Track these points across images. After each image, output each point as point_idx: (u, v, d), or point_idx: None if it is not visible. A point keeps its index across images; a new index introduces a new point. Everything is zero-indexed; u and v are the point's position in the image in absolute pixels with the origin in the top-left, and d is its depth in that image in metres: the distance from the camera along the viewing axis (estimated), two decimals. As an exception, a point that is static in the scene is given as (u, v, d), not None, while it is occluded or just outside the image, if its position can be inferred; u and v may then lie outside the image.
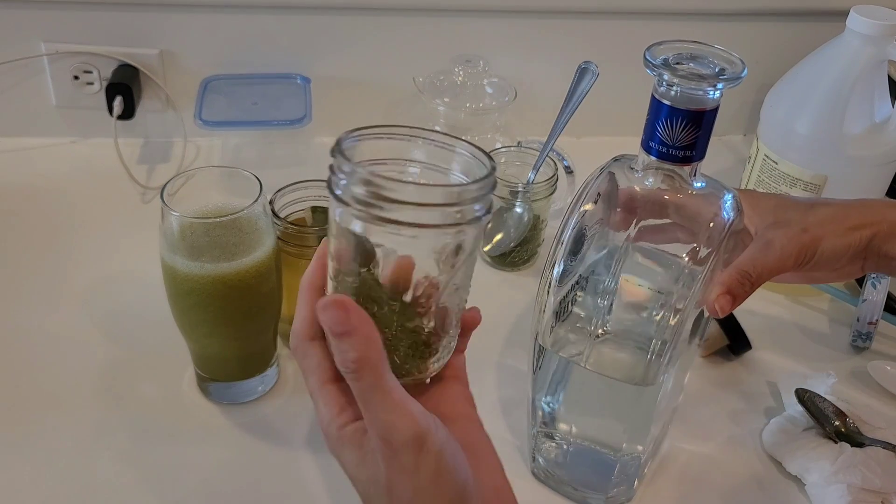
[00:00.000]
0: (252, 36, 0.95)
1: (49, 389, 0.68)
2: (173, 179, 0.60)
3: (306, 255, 0.67)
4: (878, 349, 0.78)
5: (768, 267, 0.54)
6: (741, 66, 0.49)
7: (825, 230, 0.55)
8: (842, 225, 0.55)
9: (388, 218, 0.40)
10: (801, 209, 0.56)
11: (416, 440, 0.41)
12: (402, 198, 0.40)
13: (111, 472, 0.61)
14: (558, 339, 0.57)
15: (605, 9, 0.98)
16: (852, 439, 0.65)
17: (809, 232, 0.54)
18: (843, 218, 0.55)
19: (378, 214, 0.40)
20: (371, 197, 0.40)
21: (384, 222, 0.40)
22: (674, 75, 0.48)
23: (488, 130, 0.92)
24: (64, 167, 0.94)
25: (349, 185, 0.41)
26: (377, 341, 0.41)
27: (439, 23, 0.96)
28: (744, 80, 0.49)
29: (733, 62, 0.50)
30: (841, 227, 0.55)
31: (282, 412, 0.67)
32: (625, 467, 0.60)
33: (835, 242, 0.55)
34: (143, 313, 0.73)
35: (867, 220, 0.55)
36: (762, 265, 0.54)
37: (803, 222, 0.55)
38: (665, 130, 0.50)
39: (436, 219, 0.41)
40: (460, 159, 0.46)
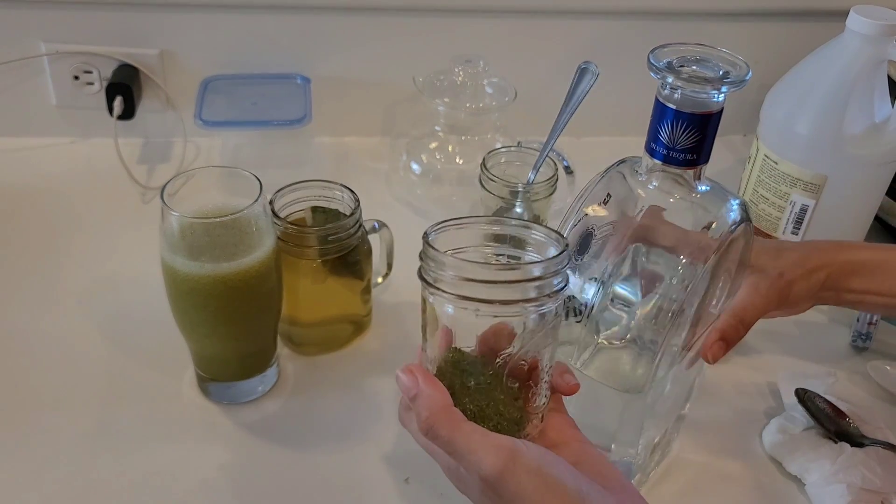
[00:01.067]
0: (252, 36, 0.95)
1: (49, 389, 0.68)
2: (173, 179, 0.60)
3: (306, 255, 0.67)
4: (878, 349, 0.78)
5: (757, 309, 0.61)
6: (746, 68, 0.49)
7: (794, 274, 0.63)
8: (804, 268, 0.63)
9: (475, 298, 0.45)
10: (770, 254, 0.64)
11: (506, 465, 0.43)
12: (486, 278, 0.45)
13: (111, 472, 0.61)
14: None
15: (605, 9, 0.98)
16: (852, 439, 0.65)
17: (784, 276, 0.62)
18: (804, 261, 0.63)
19: (465, 295, 0.45)
20: (458, 279, 0.45)
21: (470, 301, 0.45)
22: (678, 78, 0.48)
23: (488, 130, 0.92)
24: (64, 167, 0.94)
25: (437, 271, 0.46)
26: (443, 397, 0.46)
27: (439, 23, 0.97)
28: (748, 82, 0.48)
29: (737, 65, 0.49)
30: (804, 269, 0.63)
31: (282, 412, 0.67)
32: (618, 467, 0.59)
33: (802, 285, 0.63)
34: (143, 313, 0.73)
35: (822, 263, 0.64)
36: (752, 308, 0.61)
37: (777, 267, 0.63)
38: (669, 134, 0.50)
39: (515, 294, 0.45)
40: (535, 240, 0.50)
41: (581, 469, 0.46)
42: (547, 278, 0.46)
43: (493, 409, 0.48)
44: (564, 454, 0.47)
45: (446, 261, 0.45)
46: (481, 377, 0.48)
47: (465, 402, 0.48)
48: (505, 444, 0.44)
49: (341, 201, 0.70)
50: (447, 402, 0.46)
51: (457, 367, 0.48)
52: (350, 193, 0.69)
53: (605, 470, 0.47)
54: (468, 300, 0.45)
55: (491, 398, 0.48)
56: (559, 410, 0.52)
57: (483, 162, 0.81)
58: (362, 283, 0.72)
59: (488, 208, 0.81)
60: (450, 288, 0.45)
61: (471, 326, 0.48)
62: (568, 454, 0.48)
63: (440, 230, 0.49)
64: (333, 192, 0.70)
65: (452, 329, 0.49)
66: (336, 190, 0.69)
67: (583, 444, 0.50)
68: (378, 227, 0.74)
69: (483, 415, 0.48)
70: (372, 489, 0.62)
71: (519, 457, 0.43)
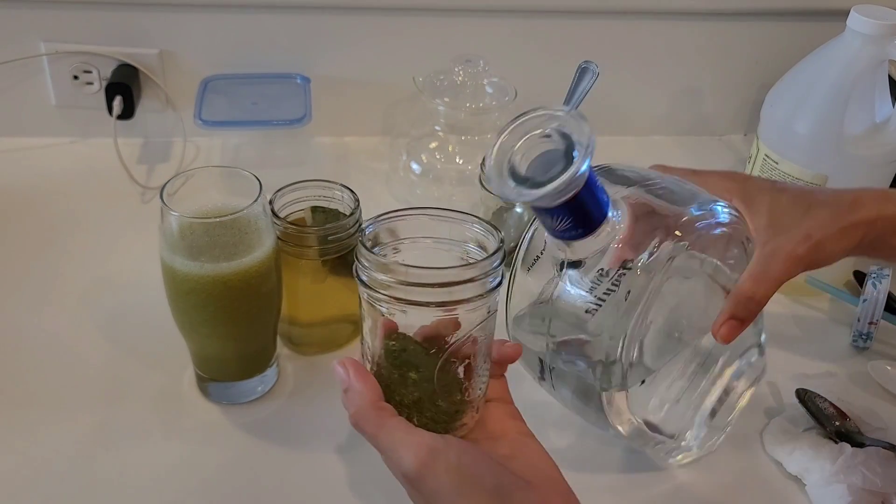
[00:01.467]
0: (252, 36, 0.95)
1: (49, 389, 0.67)
2: (173, 179, 0.60)
3: (306, 255, 0.67)
4: (878, 349, 0.78)
5: (775, 278, 0.54)
6: (587, 133, 0.44)
7: (825, 233, 0.54)
8: (838, 226, 0.55)
9: (410, 300, 0.46)
10: (799, 211, 0.56)
11: (424, 463, 0.44)
12: (419, 280, 0.45)
13: (111, 472, 0.61)
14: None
15: (605, 9, 0.98)
16: (852, 439, 0.65)
17: (812, 238, 0.54)
18: (838, 218, 0.55)
19: (401, 297, 0.46)
20: (393, 282, 0.45)
21: (407, 304, 0.46)
22: (513, 192, 0.45)
23: (488, 130, 0.92)
24: (64, 167, 0.94)
25: (372, 272, 0.46)
26: (371, 392, 0.47)
27: (439, 23, 0.96)
28: (587, 161, 0.43)
29: (582, 130, 0.44)
30: (838, 228, 0.55)
31: (281, 412, 0.67)
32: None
33: (833, 246, 0.55)
34: (142, 313, 0.73)
35: (860, 219, 0.56)
36: (767, 281, 0.54)
37: (805, 227, 0.55)
38: (545, 222, 0.48)
39: (451, 296, 0.46)
40: (471, 233, 0.50)
41: (514, 462, 0.47)
42: (481, 279, 0.46)
43: (430, 401, 0.48)
44: (500, 447, 0.48)
45: (378, 263, 0.46)
46: (420, 369, 0.48)
47: (403, 392, 0.48)
48: (425, 442, 0.44)
49: (341, 201, 0.70)
50: (374, 398, 0.47)
51: (396, 358, 0.48)
52: (350, 193, 0.69)
53: (539, 464, 0.48)
54: (402, 301, 0.46)
55: (427, 390, 0.48)
56: (505, 401, 0.53)
57: (483, 162, 0.81)
58: (362, 283, 0.72)
59: (488, 208, 0.81)
60: (382, 289, 0.46)
61: (408, 326, 0.49)
62: (504, 447, 0.49)
63: (379, 223, 0.49)
64: (333, 192, 0.70)
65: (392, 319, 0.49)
66: (336, 190, 0.69)
67: (522, 437, 0.50)
68: (378, 227, 0.74)
69: (419, 406, 0.48)
70: (372, 489, 0.62)
71: (438, 455, 0.44)
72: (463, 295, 0.46)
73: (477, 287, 0.46)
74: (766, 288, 0.53)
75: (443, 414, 0.49)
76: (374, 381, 0.48)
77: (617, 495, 0.63)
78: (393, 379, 0.49)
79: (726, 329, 0.53)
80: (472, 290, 0.46)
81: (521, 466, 0.47)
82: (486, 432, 0.51)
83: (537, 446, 0.50)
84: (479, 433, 0.51)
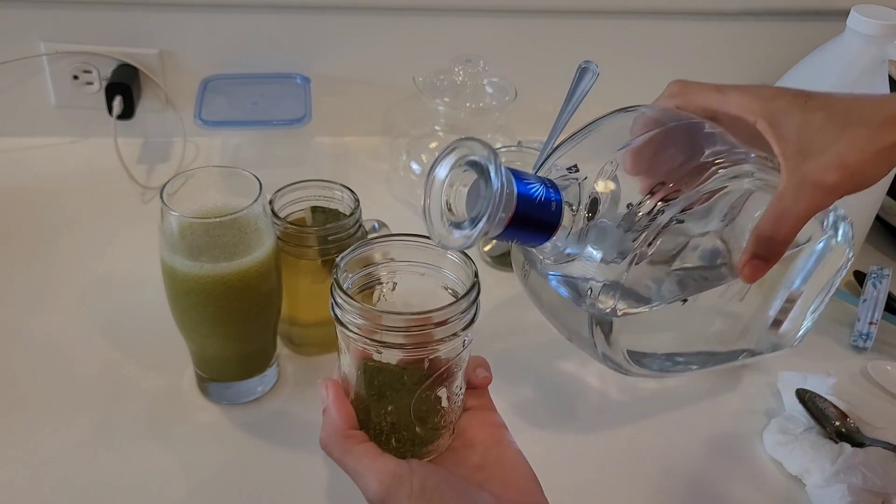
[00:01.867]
0: (252, 36, 0.95)
1: (49, 390, 0.67)
2: (173, 179, 0.60)
3: (306, 255, 0.67)
4: (878, 349, 0.78)
5: (800, 214, 0.47)
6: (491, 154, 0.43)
7: (860, 157, 0.46)
8: (874, 147, 0.46)
9: (384, 342, 0.46)
10: (833, 132, 0.47)
11: (388, 491, 0.45)
12: (390, 324, 0.45)
13: (111, 472, 0.61)
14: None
15: (605, 9, 0.98)
16: (853, 439, 0.65)
17: (846, 165, 0.46)
18: (876, 138, 0.46)
19: (375, 339, 0.46)
20: (367, 325, 0.46)
21: (380, 345, 0.46)
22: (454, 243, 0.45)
23: (488, 130, 0.92)
24: (63, 167, 0.94)
25: (346, 314, 0.46)
26: (343, 420, 0.48)
27: (439, 23, 0.96)
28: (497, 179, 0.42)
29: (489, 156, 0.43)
30: (874, 149, 0.46)
31: (281, 412, 0.67)
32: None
33: (870, 171, 0.47)
34: (142, 313, 0.73)
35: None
36: (792, 215, 0.47)
37: (837, 151, 0.46)
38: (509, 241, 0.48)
39: (423, 339, 0.46)
40: (447, 261, 0.50)
41: (485, 472, 0.48)
42: (454, 320, 0.46)
43: (405, 427, 0.49)
44: (473, 455, 0.50)
45: (353, 307, 0.46)
46: (395, 395, 0.49)
47: (380, 415, 0.49)
48: (389, 469, 0.46)
49: (341, 201, 0.70)
50: (344, 426, 0.49)
51: (371, 385, 0.49)
52: (350, 193, 0.69)
53: (511, 475, 0.48)
54: (375, 342, 0.46)
55: (404, 416, 0.49)
56: (486, 408, 0.53)
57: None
58: (362, 283, 0.72)
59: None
60: (356, 329, 0.46)
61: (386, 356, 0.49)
62: (476, 456, 0.50)
63: (351, 254, 0.49)
64: (333, 192, 0.70)
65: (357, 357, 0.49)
66: (336, 190, 0.69)
67: (499, 446, 0.50)
68: (378, 227, 0.74)
69: (393, 430, 0.49)
70: (372, 489, 0.62)
71: (402, 481, 0.45)
72: (437, 335, 0.46)
73: (452, 326, 0.46)
74: (789, 227, 0.47)
75: (417, 438, 0.50)
76: (348, 407, 0.49)
77: (616, 491, 0.63)
78: (369, 403, 0.49)
79: (749, 269, 0.48)
80: (446, 331, 0.46)
81: (493, 477, 0.48)
82: (462, 440, 0.51)
83: (513, 455, 0.50)
84: (457, 441, 0.52)
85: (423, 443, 0.50)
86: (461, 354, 0.49)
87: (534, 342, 0.76)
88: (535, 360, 0.74)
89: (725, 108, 0.50)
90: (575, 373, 0.74)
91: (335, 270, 0.47)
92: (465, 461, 0.50)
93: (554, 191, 0.47)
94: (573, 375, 0.73)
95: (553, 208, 0.46)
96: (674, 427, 0.69)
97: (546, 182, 0.47)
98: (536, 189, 0.46)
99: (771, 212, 0.48)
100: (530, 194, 0.45)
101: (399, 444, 0.50)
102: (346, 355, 0.49)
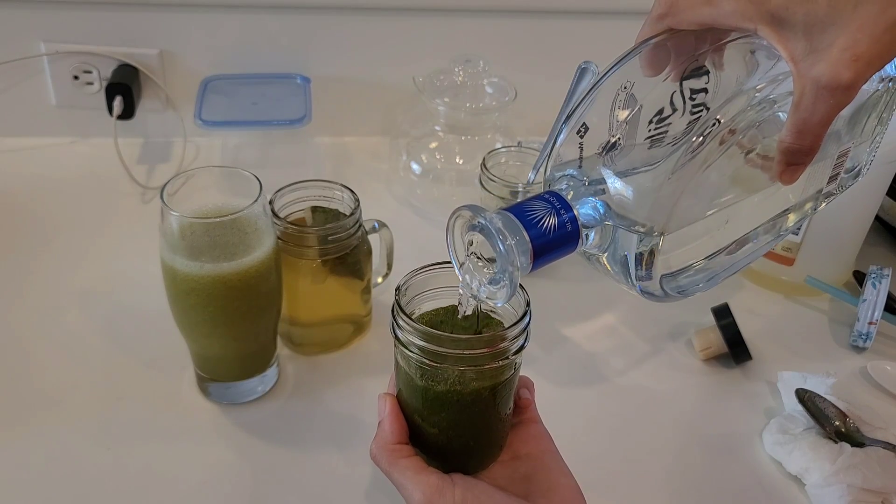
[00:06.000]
0: (252, 36, 0.95)
1: (49, 389, 0.68)
2: (173, 179, 0.60)
3: (306, 255, 0.67)
4: (878, 349, 0.78)
5: (821, 121, 0.44)
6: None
7: (876, 41, 0.42)
8: (889, 20, 0.42)
9: (440, 364, 0.48)
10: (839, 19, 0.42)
11: (429, 501, 0.47)
12: (448, 350, 0.47)
13: (111, 472, 0.61)
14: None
15: (605, 9, 0.98)
16: (852, 439, 0.65)
17: (860, 56, 0.42)
18: (888, 13, 0.41)
19: (432, 362, 0.48)
20: (425, 344, 0.47)
21: (439, 363, 0.48)
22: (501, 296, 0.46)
23: (488, 130, 0.92)
24: (64, 167, 0.94)
25: (408, 335, 0.48)
26: (394, 435, 0.50)
27: (439, 23, 0.96)
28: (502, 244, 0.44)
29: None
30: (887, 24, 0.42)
31: (281, 412, 0.67)
32: None
33: (891, 51, 0.43)
34: (143, 313, 0.73)
35: None
36: (814, 123, 0.44)
37: (847, 40, 0.42)
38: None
39: (479, 362, 0.47)
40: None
41: (530, 484, 0.50)
42: (507, 344, 0.48)
43: (454, 441, 0.51)
44: (521, 467, 0.52)
45: (414, 328, 0.47)
46: (445, 413, 0.50)
47: (430, 429, 0.51)
48: (432, 482, 0.48)
49: (341, 201, 0.70)
50: (393, 440, 0.51)
51: (425, 400, 0.50)
52: (350, 193, 0.69)
53: (556, 487, 0.50)
54: (436, 362, 0.48)
55: (452, 432, 0.51)
56: (533, 421, 0.55)
57: (483, 162, 0.81)
58: (362, 284, 0.72)
59: (489, 208, 0.81)
60: (417, 350, 0.48)
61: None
62: (522, 468, 0.52)
63: (413, 278, 0.50)
64: (333, 192, 0.70)
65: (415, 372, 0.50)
66: (336, 190, 0.69)
67: (544, 457, 0.52)
68: (378, 227, 0.74)
69: (443, 445, 0.51)
70: (372, 489, 0.62)
71: (444, 494, 0.48)
72: (491, 358, 0.48)
73: (505, 350, 0.48)
74: (813, 136, 0.44)
75: (468, 452, 0.52)
76: (401, 421, 0.51)
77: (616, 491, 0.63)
78: (423, 416, 0.51)
79: (787, 175, 0.46)
80: (499, 354, 0.48)
81: (538, 488, 0.50)
82: (509, 452, 0.53)
83: (558, 467, 0.52)
84: (505, 452, 0.54)
85: (472, 457, 0.52)
86: (512, 377, 0.50)
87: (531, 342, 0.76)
88: (531, 357, 0.74)
89: (720, 20, 0.46)
90: (574, 372, 0.74)
91: (396, 293, 0.49)
92: (512, 473, 0.52)
93: (562, 208, 0.46)
94: (573, 375, 0.73)
95: (569, 228, 0.46)
96: (674, 427, 0.69)
97: (551, 201, 0.46)
98: (544, 220, 0.46)
99: (792, 123, 0.44)
100: (541, 230, 0.45)
101: (448, 457, 0.51)
102: (402, 369, 0.51)
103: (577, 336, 0.78)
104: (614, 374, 0.74)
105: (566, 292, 0.82)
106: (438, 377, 0.48)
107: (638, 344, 0.77)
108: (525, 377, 0.55)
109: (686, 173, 0.46)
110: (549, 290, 0.81)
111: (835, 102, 0.43)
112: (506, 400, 0.51)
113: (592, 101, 0.51)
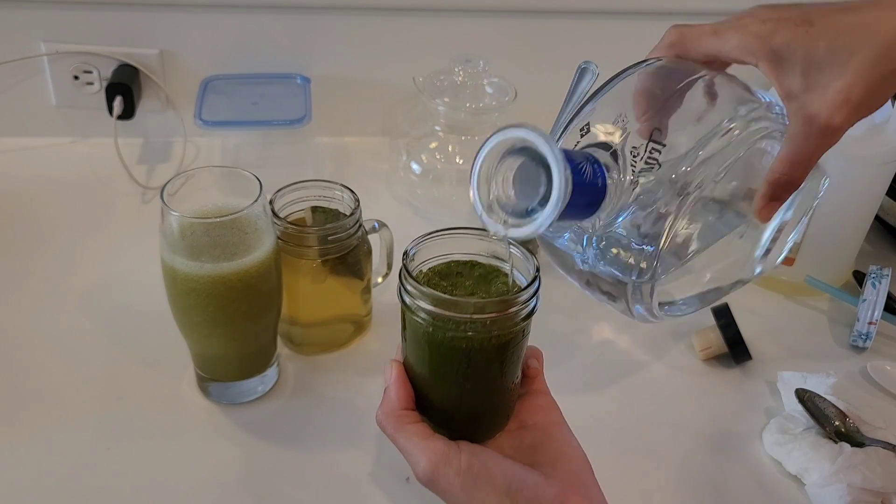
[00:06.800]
0: (252, 36, 0.95)
1: (49, 389, 0.68)
2: (173, 179, 0.61)
3: (306, 255, 0.67)
4: (878, 349, 0.78)
5: (811, 156, 0.48)
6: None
7: (868, 87, 0.45)
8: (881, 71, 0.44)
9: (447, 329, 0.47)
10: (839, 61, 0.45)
11: (436, 468, 0.47)
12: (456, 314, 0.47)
13: (111, 472, 0.61)
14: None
15: (605, 9, 0.98)
16: (852, 439, 0.65)
17: (851, 100, 0.45)
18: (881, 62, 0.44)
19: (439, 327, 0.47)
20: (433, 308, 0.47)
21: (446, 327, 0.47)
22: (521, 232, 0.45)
23: (488, 130, 0.91)
24: (64, 167, 0.94)
25: (415, 300, 0.47)
26: (400, 401, 0.50)
27: (439, 23, 0.96)
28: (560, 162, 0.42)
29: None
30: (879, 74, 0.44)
31: (282, 412, 0.67)
32: None
33: (880, 99, 0.46)
34: (143, 313, 0.73)
35: None
36: (804, 158, 0.47)
37: (843, 85, 0.44)
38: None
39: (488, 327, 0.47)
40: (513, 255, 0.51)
41: (537, 453, 0.50)
42: (516, 309, 0.47)
43: (462, 409, 0.51)
44: (527, 436, 0.52)
45: (422, 292, 0.47)
46: (453, 380, 0.50)
47: (438, 396, 0.51)
48: (438, 448, 0.48)
49: (341, 201, 0.70)
50: (400, 406, 0.51)
51: (431, 366, 0.50)
52: (350, 193, 0.69)
53: (563, 456, 0.50)
54: (443, 327, 0.47)
55: (459, 399, 0.51)
56: (541, 392, 0.54)
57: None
58: (362, 283, 0.72)
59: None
60: (425, 314, 0.47)
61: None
62: (529, 438, 0.52)
63: (421, 244, 0.51)
64: (333, 192, 0.70)
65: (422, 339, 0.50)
66: (336, 190, 0.69)
67: (551, 428, 0.52)
68: (378, 227, 0.74)
69: (450, 412, 0.51)
70: (372, 489, 0.62)
71: (450, 460, 0.48)
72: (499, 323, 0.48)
73: (513, 315, 0.48)
74: (801, 169, 0.48)
75: (475, 419, 0.52)
76: (408, 388, 0.51)
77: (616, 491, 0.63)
78: (430, 382, 0.51)
79: (766, 211, 0.50)
80: (507, 319, 0.48)
81: (545, 457, 0.50)
82: (517, 422, 0.53)
83: (566, 437, 0.52)
84: (513, 422, 0.54)
85: (479, 426, 0.52)
86: (521, 344, 0.50)
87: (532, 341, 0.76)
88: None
89: (725, 52, 0.50)
90: (575, 372, 0.74)
91: (404, 258, 0.49)
92: (519, 442, 0.52)
93: (598, 167, 0.47)
94: (573, 375, 0.73)
95: (599, 184, 0.47)
96: (674, 427, 0.69)
97: (590, 158, 0.47)
98: (584, 169, 0.46)
99: (783, 155, 0.48)
100: (581, 176, 0.46)
101: (455, 425, 0.51)
102: (409, 336, 0.50)
103: (577, 336, 0.78)
104: (614, 373, 0.74)
105: (566, 292, 0.82)
106: (445, 343, 0.48)
107: (638, 344, 0.77)
108: (534, 347, 0.55)
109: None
110: (549, 291, 0.81)
111: (825, 141, 0.46)
112: (513, 368, 0.51)
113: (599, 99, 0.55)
